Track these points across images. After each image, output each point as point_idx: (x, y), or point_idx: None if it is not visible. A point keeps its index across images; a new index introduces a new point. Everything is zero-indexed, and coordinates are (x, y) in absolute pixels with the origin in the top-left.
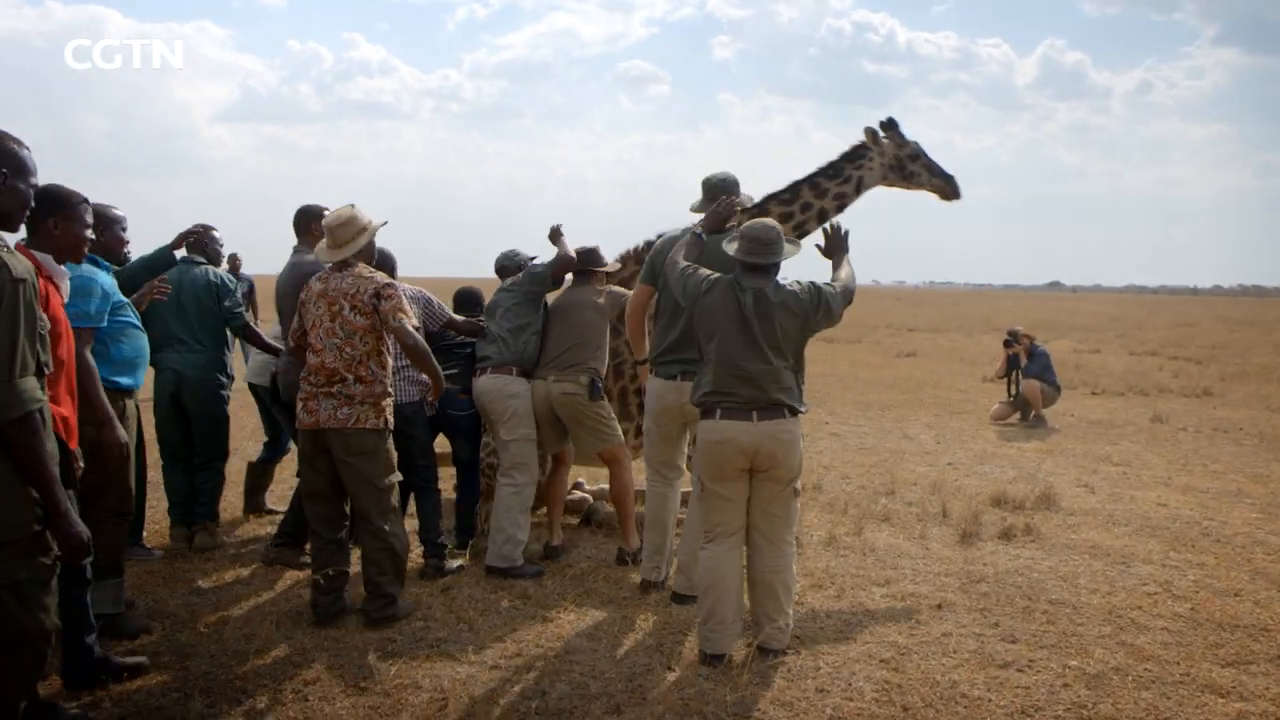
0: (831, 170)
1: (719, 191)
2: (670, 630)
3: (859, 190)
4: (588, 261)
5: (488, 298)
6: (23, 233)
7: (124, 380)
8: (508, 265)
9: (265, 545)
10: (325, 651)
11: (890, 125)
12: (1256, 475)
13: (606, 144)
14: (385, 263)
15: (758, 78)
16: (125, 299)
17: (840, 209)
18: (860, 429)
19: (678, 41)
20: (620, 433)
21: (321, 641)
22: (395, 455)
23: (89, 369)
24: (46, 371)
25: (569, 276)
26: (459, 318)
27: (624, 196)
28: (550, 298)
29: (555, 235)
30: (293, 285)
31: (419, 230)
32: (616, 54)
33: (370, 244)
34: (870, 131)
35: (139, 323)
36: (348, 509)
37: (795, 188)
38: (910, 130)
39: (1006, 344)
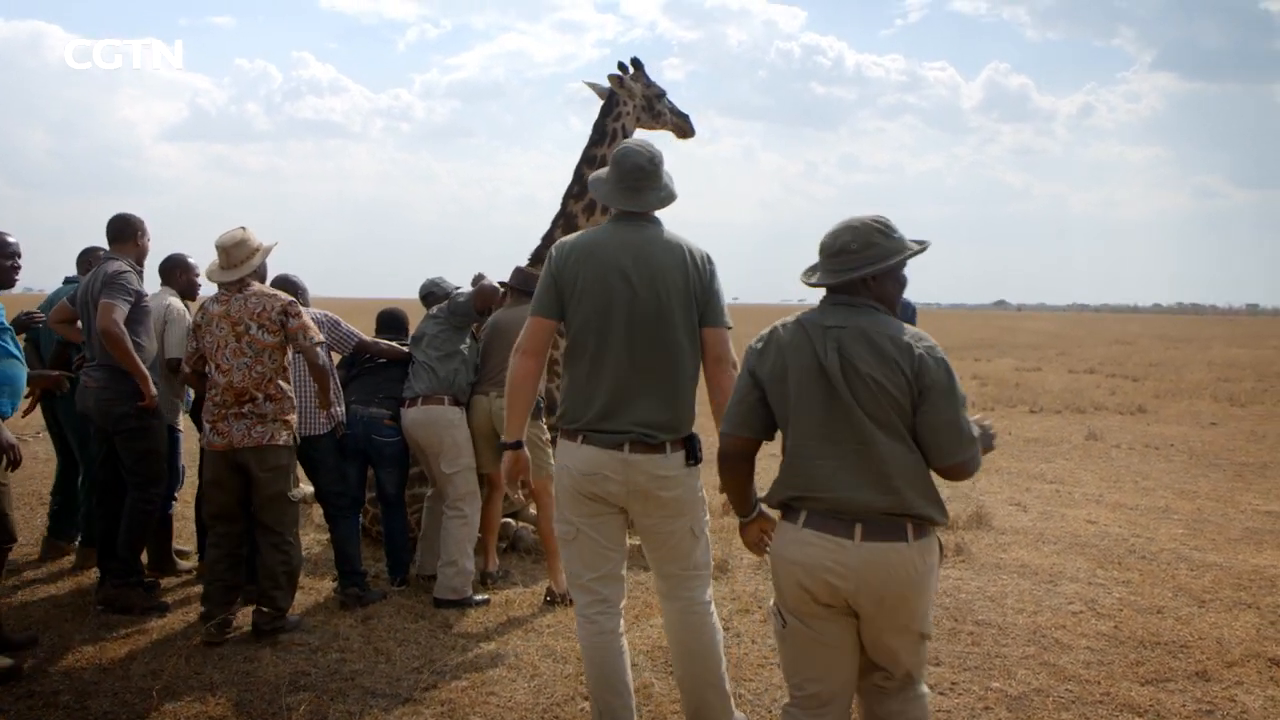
0: (597, 134)
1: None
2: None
3: (626, 138)
4: (525, 282)
5: (414, 320)
6: None
7: None
8: (434, 293)
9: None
10: (235, 686)
11: (636, 65)
12: (1184, 491)
13: (558, 163)
14: (294, 289)
15: (708, 99)
16: (8, 325)
17: None
18: None
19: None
20: (551, 464)
21: (231, 676)
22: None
23: None
24: None
25: (508, 296)
26: (375, 340)
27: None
28: (499, 315)
29: (478, 282)
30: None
31: (370, 250)
32: (568, 74)
33: (263, 265)
34: (615, 77)
35: (18, 351)
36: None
37: (578, 173)
38: (859, 151)
39: None
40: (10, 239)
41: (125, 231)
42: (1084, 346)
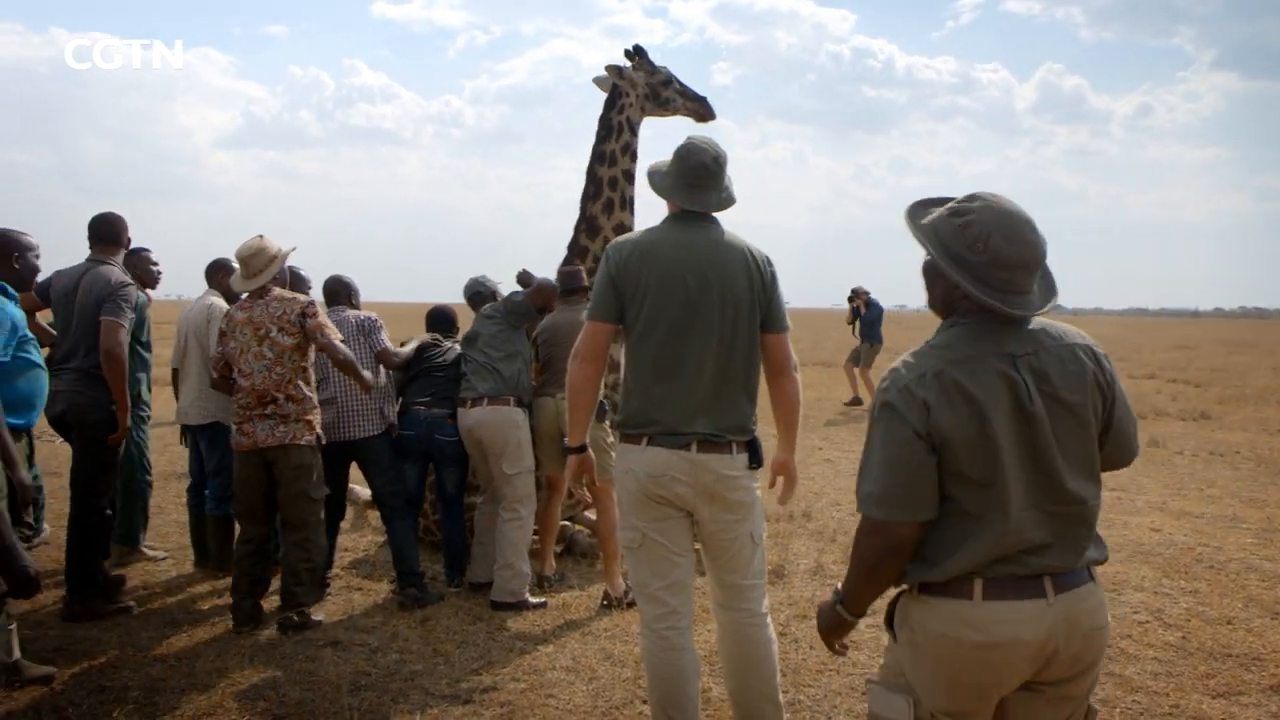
0: (604, 130)
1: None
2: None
3: (634, 131)
4: (571, 283)
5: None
6: None
7: (17, 421)
8: (480, 293)
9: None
10: (298, 685)
11: (638, 53)
12: (1253, 500)
13: None
14: (346, 289)
15: (757, 104)
16: (31, 334)
17: (634, 157)
18: (854, 455)
19: (677, 68)
20: (613, 468)
21: (294, 675)
22: (323, 469)
23: None
24: None
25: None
26: (395, 351)
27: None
28: (554, 318)
29: (526, 279)
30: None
31: (421, 255)
32: None
33: (283, 270)
34: (614, 69)
35: (40, 360)
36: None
37: (591, 173)
38: (910, 153)
39: (850, 299)
40: (30, 239)
41: (116, 232)
42: (1143, 351)
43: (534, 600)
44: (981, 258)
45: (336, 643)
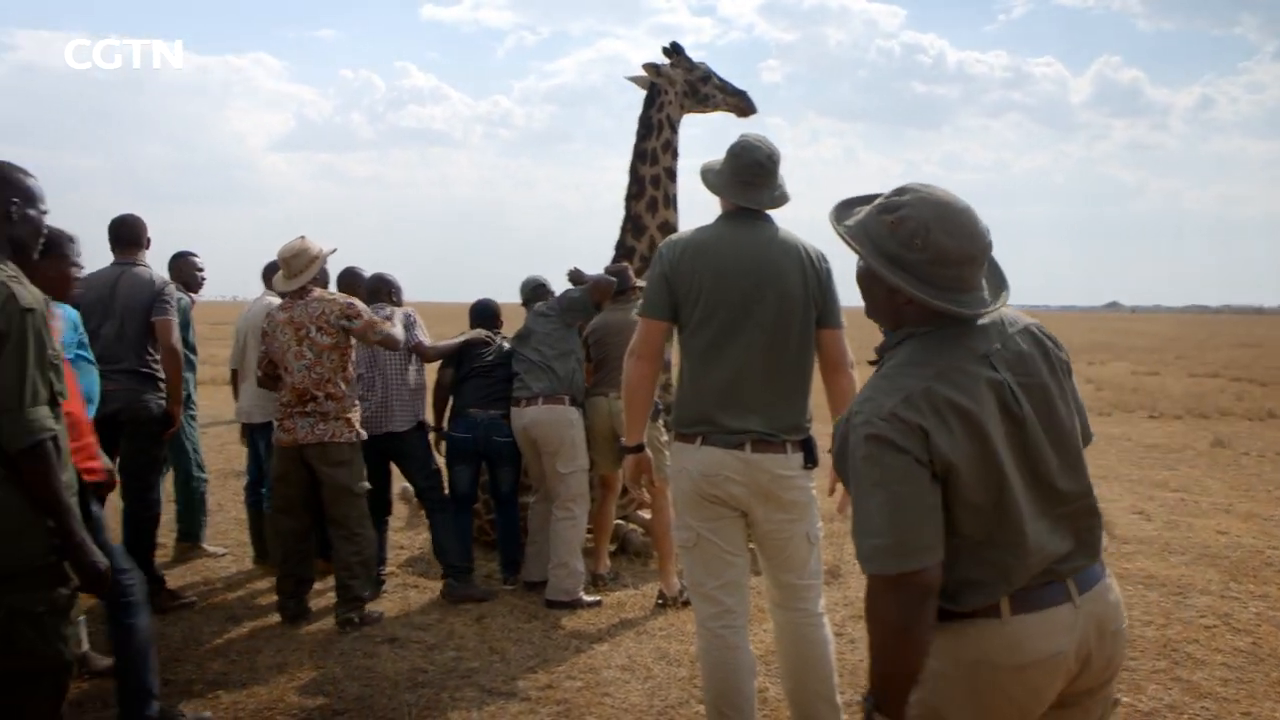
0: (644, 129)
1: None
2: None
3: (674, 128)
4: (620, 282)
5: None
6: None
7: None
8: (536, 293)
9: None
10: (356, 681)
11: (675, 50)
12: None
13: None
14: (388, 286)
15: (807, 101)
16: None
17: (675, 154)
18: None
19: (726, 66)
20: (667, 467)
21: (352, 671)
22: (364, 465)
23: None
24: (61, 400)
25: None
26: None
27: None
28: (605, 317)
29: (578, 275)
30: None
31: (470, 254)
32: None
33: (323, 270)
34: (651, 67)
35: (93, 358)
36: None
37: (633, 172)
38: (962, 149)
39: None
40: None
41: (136, 234)
42: (1205, 349)
43: (589, 599)
44: (921, 255)
45: (394, 639)
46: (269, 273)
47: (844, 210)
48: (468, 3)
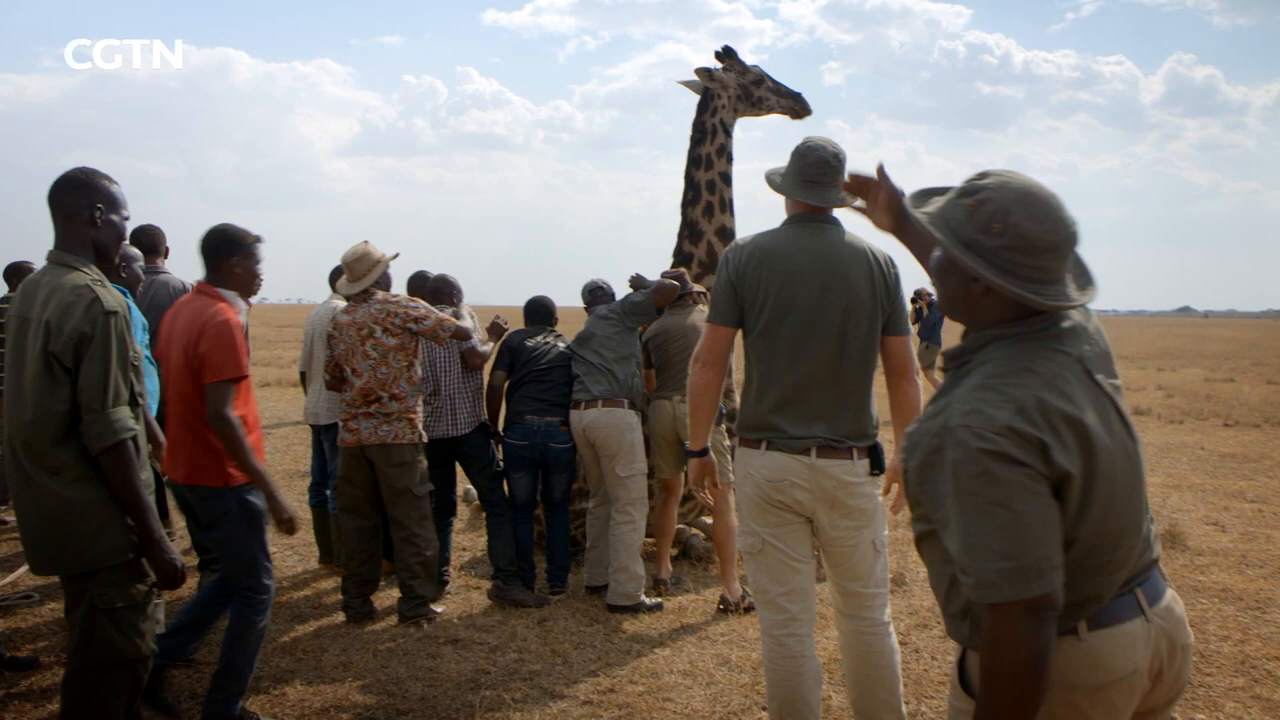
0: (697, 134)
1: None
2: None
3: (728, 132)
4: (681, 286)
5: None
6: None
7: None
8: (598, 296)
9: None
10: (419, 681)
11: (728, 54)
12: None
13: None
14: (449, 288)
15: (868, 103)
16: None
17: (730, 159)
18: None
19: (788, 68)
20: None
21: (416, 671)
22: (427, 466)
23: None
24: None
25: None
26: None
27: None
28: (664, 321)
29: (640, 280)
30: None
31: (532, 259)
32: None
33: (386, 275)
34: (704, 71)
35: (154, 359)
36: (378, 523)
37: (689, 178)
38: (1028, 151)
39: (913, 300)
40: (132, 249)
41: (155, 242)
42: None
43: (649, 602)
44: (1000, 240)
45: (456, 640)
46: (335, 276)
47: (920, 199)
48: (529, 8)
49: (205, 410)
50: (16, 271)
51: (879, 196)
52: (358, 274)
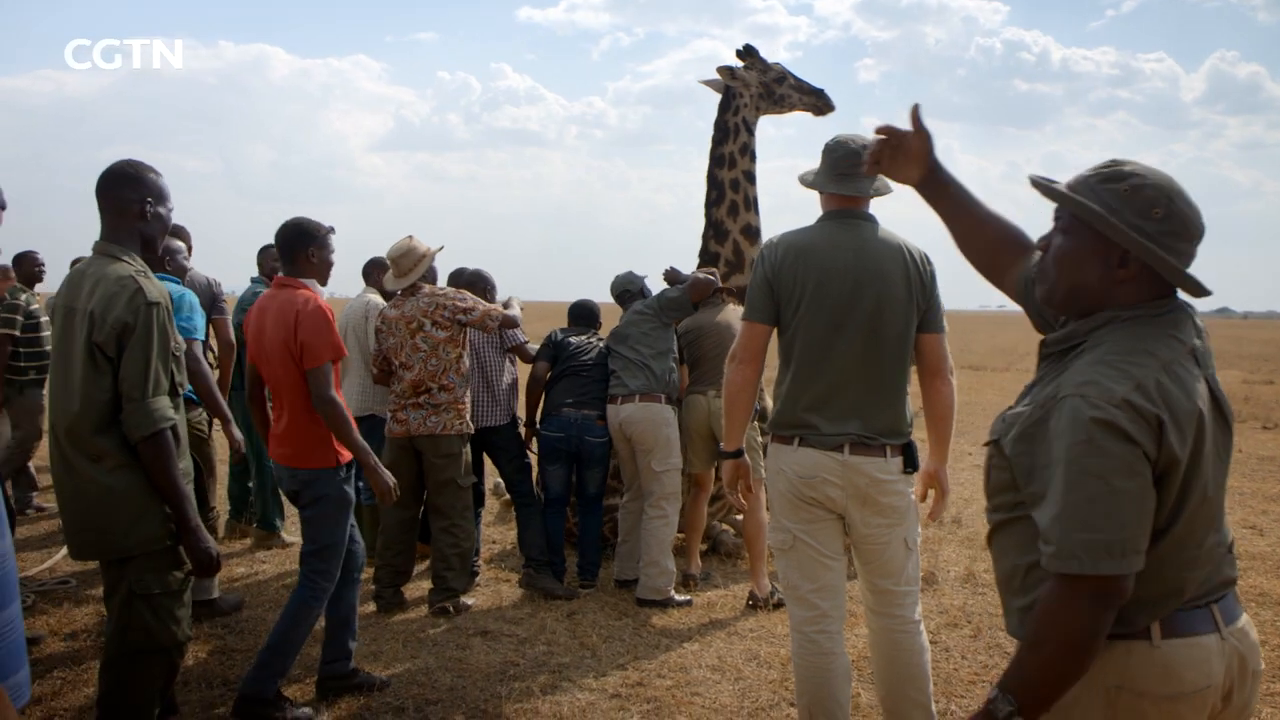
0: (720, 134)
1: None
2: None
3: (750, 131)
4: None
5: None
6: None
7: (191, 396)
8: (629, 290)
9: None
10: (448, 672)
11: (749, 52)
12: None
13: None
14: (484, 282)
15: (904, 100)
16: None
17: (753, 157)
18: None
19: (822, 66)
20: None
21: (445, 662)
22: (470, 459)
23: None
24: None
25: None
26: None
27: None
28: (698, 318)
29: (675, 274)
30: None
31: (563, 254)
32: None
33: (431, 269)
34: (726, 70)
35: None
36: (418, 516)
37: (712, 177)
38: (1066, 150)
39: None
40: (175, 242)
41: (185, 240)
42: None
43: (679, 598)
44: (1161, 226)
45: (485, 632)
46: (369, 270)
47: (1046, 180)
48: (564, 4)
49: (309, 395)
50: (18, 262)
51: (912, 145)
52: (404, 269)
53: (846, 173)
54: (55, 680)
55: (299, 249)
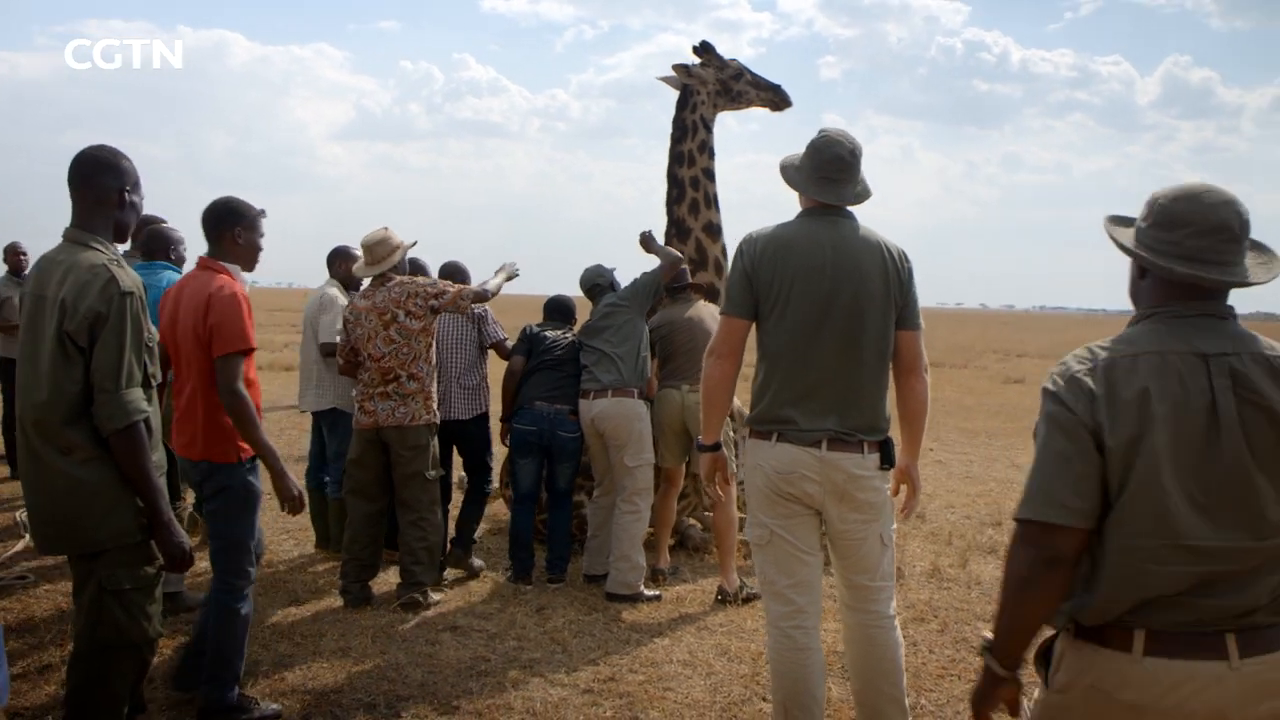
0: (678, 131)
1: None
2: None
3: (709, 128)
4: (679, 279)
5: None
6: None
7: None
8: (599, 284)
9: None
10: (419, 667)
11: (705, 49)
12: None
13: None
14: (460, 273)
15: (864, 98)
16: None
17: (712, 154)
18: (966, 457)
19: (784, 62)
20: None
21: (415, 658)
22: (438, 451)
23: None
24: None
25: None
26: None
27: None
28: (668, 313)
29: (648, 241)
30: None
31: (525, 246)
32: None
33: (403, 262)
34: (682, 68)
35: None
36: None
37: (672, 175)
38: (1023, 150)
39: None
40: (177, 233)
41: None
42: None
43: (649, 593)
44: (1150, 225)
45: (455, 628)
46: (332, 259)
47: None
48: None
49: (216, 384)
50: None
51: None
52: (378, 257)
53: (832, 177)
54: (16, 678)
55: (224, 228)
